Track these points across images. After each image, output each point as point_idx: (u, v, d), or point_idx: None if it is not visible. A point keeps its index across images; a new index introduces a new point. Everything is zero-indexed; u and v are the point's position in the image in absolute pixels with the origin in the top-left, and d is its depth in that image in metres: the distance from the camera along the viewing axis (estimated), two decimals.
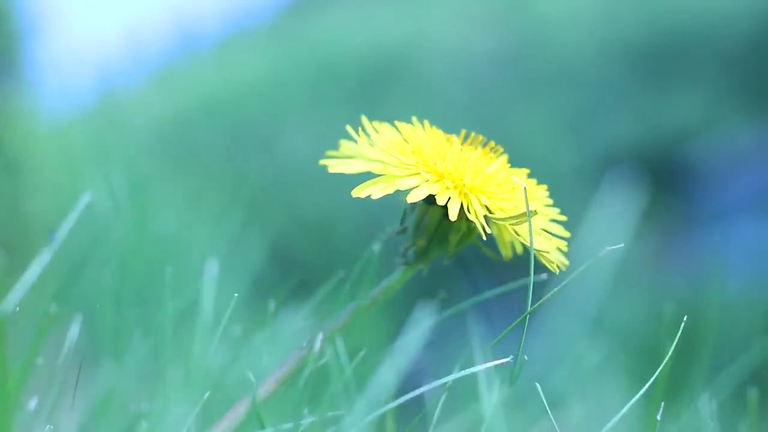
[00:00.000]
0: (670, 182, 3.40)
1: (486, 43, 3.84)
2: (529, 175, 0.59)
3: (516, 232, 0.54)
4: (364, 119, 0.57)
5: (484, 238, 0.53)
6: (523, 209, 0.54)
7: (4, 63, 2.37)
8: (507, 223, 0.53)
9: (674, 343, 0.60)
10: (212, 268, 0.55)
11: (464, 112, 3.55)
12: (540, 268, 0.55)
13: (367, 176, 0.54)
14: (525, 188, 0.53)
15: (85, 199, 0.50)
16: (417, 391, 0.52)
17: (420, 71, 3.83)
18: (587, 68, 3.65)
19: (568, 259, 0.57)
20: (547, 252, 0.55)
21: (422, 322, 0.52)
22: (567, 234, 0.57)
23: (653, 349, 0.60)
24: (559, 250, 0.57)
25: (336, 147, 0.58)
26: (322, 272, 0.55)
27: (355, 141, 0.57)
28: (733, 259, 2.94)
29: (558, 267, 0.56)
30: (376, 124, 0.58)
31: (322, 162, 0.56)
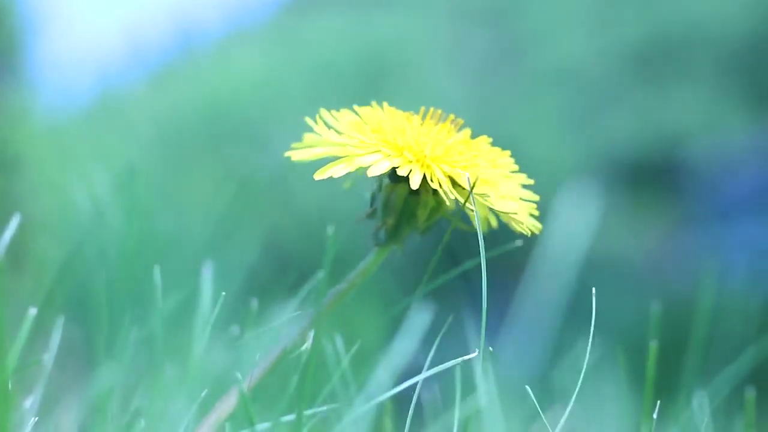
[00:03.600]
0: (669, 182, 3.40)
1: (484, 42, 3.84)
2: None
3: (483, 197, 0.54)
4: (322, 110, 0.57)
5: (449, 204, 0.54)
6: (490, 181, 0.55)
7: (4, 62, 2.37)
8: (480, 195, 0.54)
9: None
10: (208, 266, 0.56)
11: (462, 112, 3.55)
12: (515, 234, 0.56)
13: (333, 161, 0.55)
14: (467, 177, 0.53)
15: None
16: (412, 381, 0.53)
17: (418, 71, 3.83)
18: (586, 68, 3.65)
19: (540, 223, 0.57)
20: (516, 213, 0.55)
21: (418, 320, 0.52)
22: (536, 197, 0.58)
23: (651, 348, 0.60)
24: (531, 214, 0.57)
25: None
26: (318, 267, 0.55)
27: (315, 132, 0.57)
28: (731, 258, 2.94)
29: (530, 230, 0.56)
30: (334, 112, 0.58)
31: (287, 153, 0.56)
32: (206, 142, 3.67)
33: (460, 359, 0.50)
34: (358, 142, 0.54)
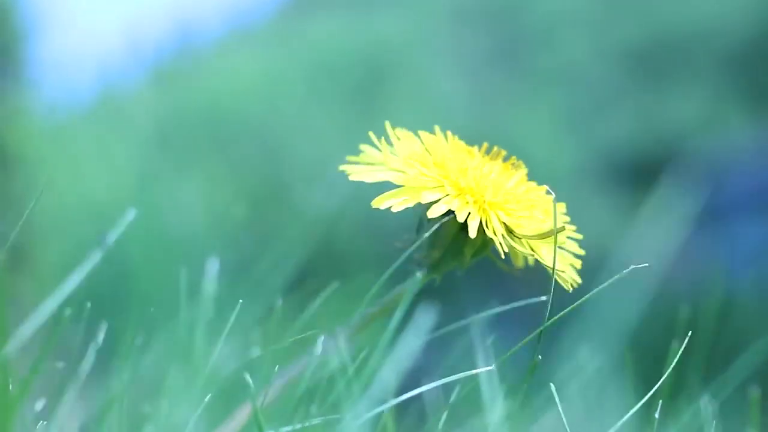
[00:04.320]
0: (669, 181, 3.39)
1: (485, 40, 3.84)
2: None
3: (532, 248, 0.54)
4: (387, 125, 0.57)
5: (503, 256, 0.53)
6: (544, 228, 0.54)
7: (5, 61, 2.37)
8: (529, 240, 0.53)
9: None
10: (213, 269, 0.56)
11: (463, 111, 3.55)
12: (542, 287, 0.56)
13: (386, 185, 0.54)
14: (555, 205, 0.53)
15: (130, 213, 0.50)
16: (416, 390, 0.53)
17: (419, 69, 3.82)
18: (586, 68, 3.64)
19: (581, 278, 0.57)
20: (563, 271, 0.55)
21: (423, 323, 0.52)
22: (581, 252, 0.57)
23: (654, 349, 0.60)
24: (573, 267, 0.57)
25: (349, 150, 0.58)
26: (322, 271, 0.55)
27: (377, 148, 0.56)
28: (733, 257, 2.94)
29: (571, 285, 0.56)
30: (398, 131, 0.57)
31: (342, 167, 0.56)
32: (206, 141, 3.66)
33: (467, 372, 0.50)
34: (419, 174, 0.54)
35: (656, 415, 0.59)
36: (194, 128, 3.72)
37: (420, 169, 0.54)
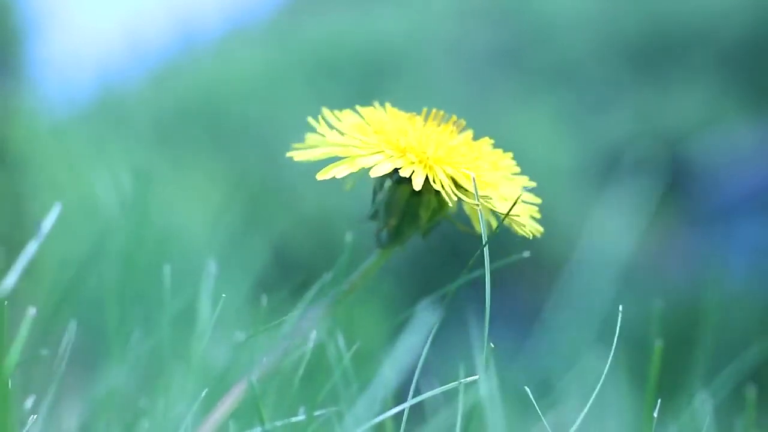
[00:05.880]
0: (670, 181, 3.40)
1: (485, 39, 3.84)
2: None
3: (486, 201, 0.54)
4: (325, 109, 0.57)
5: (452, 206, 0.53)
6: (492, 182, 0.54)
7: (4, 61, 2.37)
8: (483, 198, 0.54)
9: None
10: (211, 266, 0.56)
11: (463, 109, 3.55)
12: (522, 245, 0.55)
13: (336, 160, 0.54)
14: (474, 177, 0.53)
15: (58, 207, 0.51)
16: (419, 396, 0.53)
17: (419, 67, 3.83)
18: (587, 66, 3.65)
19: (542, 226, 0.57)
20: (518, 216, 0.55)
21: (423, 321, 0.52)
22: (537, 200, 0.57)
23: (653, 348, 0.60)
24: (532, 217, 0.57)
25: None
26: (321, 269, 0.55)
27: (318, 131, 0.57)
28: (733, 256, 2.94)
29: (532, 233, 0.56)
30: (336, 112, 0.58)
31: (289, 154, 0.56)
32: (207, 140, 3.67)
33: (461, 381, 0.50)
34: (360, 143, 0.54)
35: (654, 414, 0.59)
36: (194, 127, 3.72)
37: (360, 138, 0.54)
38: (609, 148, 3.42)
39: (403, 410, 0.53)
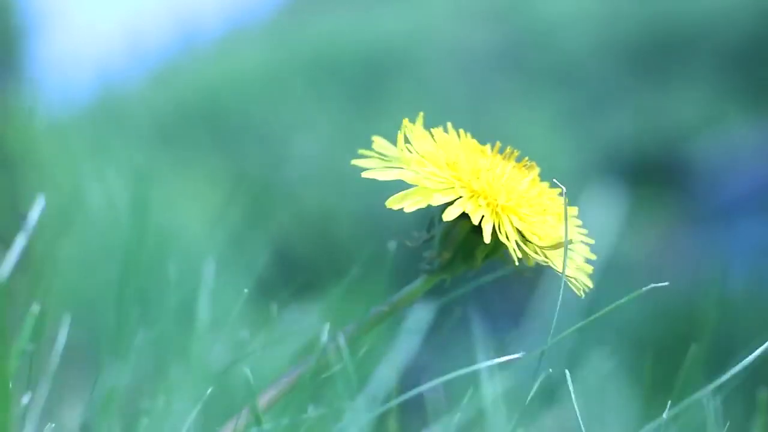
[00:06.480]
0: (670, 180, 3.39)
1: (485, 39, 3.84)
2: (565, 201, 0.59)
3: (545, 256, 0.54)
4: (406, 122, 0.57)
5: (517, 263, 0.53)
6: (556, 235, 0.54)
7: (4, 61, 2.37)
8: (542, 251, 0.53)
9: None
10: (211, 266, 0.56)
11: (464, 109, 3.55)
12: (543, 286, 0.56)
13: (397, 182, 0.54)
14: (567, 217, 0.53)
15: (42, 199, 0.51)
16: (417, 390, 0.53)
17: (419, 68, 3.83)
18: (587, 66, 3.64)
19: (592, 282, 0.57)
20: (574, 277, 0.55)
21: (423, 319, 0.52)
22: (592, 256, 0.57)
23: (656, 348, 0.60)
24: (584, 271, 0.57)
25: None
26: (324, 269, 0.55)
27: (390, 142, 0.56)
28: (734, 256, 2.94)
29: (582, 290, 0.56)
30: (410, 126, 0.57)
31: (355, 162, 0.55)
32: (207, 140, 3.66)
33: (485, 363, 0.50)
34: (430, 174, 0.54)
35: (664, 416, 0.59)
36: (194, 127, 3.72)
37: (432, 170, 0.54)
38: (610, 148, 3.42)
39: (403, 410, 0.53)
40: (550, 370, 0.56)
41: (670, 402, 0.63)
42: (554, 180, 0.57)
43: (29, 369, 0.51)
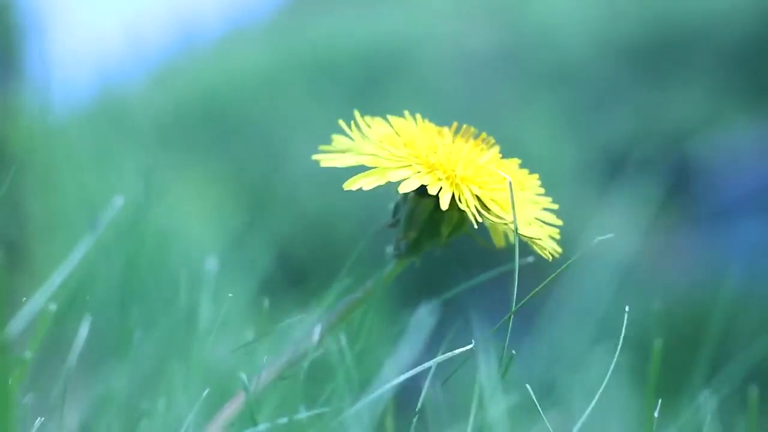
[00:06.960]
0: (670, 181, 3.39)
1: (485, 40, 3.84)
2: (527, 172, 0.59)
3: (506, 222, 0.55)
4: (357, 114, 0.58)
5: (476, 227, 0.54)
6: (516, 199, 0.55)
7: (4, 60, 2.37)
8: (498, 222, 0.54)
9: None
10: (213, 267, 0.56)
11: (463, 110, 3.55)
12: (529, 253, 0.56)
13: (360, 169, 0.55)
14: (510, 184, 0.54)
15: (119, 200, 0.51)
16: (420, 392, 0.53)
17: (419, 68, 3.83)
18: (587, 66, 3.65)
19: (560, 247, 0.57)
20: (540, 239, 0.55)
21: (424, 321, 0.52)
22: (559, 222, 0.58)
23: (653, 347, 0.60)
24: (552, 237, 0.58)
25: (330, 142, 0.59)
26: (324, 270, 0.55)
27: (348, 135, 0.57)
28: (734, 256, 2.94)
29: (551, 254, 0.57)
30: (368, 118, 0.58)
31: (315, 157, 0.57)
32: (207, 140, 3.67)
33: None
34: (389, 155, 0.54)
35: (655, 414, 0.59)
36: (194, 127, 3.73)
37: (390, 150, 0.55)
38: (610, 148, 3.42)
39: (403, 410, 0.53)
40: (551, 369, 0.56)
41: (671, 402, 0.64)
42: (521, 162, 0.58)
43: (29, 369, 0.51)
